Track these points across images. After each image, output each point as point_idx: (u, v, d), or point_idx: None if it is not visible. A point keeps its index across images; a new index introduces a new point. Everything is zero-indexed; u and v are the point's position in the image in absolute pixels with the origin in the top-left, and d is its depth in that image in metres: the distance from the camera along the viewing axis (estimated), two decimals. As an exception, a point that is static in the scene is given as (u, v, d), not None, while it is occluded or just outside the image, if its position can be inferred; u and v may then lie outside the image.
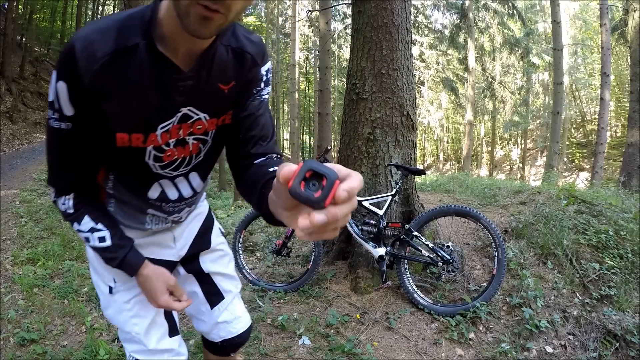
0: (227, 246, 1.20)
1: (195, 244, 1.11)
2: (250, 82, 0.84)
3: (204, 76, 0.76)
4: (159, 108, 0.75)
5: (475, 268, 2.79)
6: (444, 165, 23.99)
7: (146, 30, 0.68)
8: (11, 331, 2.32)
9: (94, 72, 0.67)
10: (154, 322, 1.00)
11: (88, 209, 0.88)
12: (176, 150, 0.84)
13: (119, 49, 0.68)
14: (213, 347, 1.17)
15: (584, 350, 2.17)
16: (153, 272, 0.92)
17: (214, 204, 6.80)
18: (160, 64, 0.70)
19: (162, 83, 0.72)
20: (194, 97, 0.77)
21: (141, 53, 0.69)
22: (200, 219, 1.13)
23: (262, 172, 0.75)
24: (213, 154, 0.92)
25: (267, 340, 2.25)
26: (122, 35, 0.68)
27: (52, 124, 0.75)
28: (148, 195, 0.91)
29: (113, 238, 0.88)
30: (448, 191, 4.98)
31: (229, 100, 0.83)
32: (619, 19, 10.96)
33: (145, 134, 0.77)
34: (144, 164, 0.83)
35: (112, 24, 0.69)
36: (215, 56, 0.76)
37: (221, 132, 0.87)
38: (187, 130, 0.82)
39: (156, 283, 0.92)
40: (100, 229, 0.87)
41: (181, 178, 0.92)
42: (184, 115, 0.79)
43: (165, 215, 0.98)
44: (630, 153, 7.47)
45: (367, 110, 2.82)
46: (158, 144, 0.80)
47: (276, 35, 22.97)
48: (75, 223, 0.87)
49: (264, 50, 0.85)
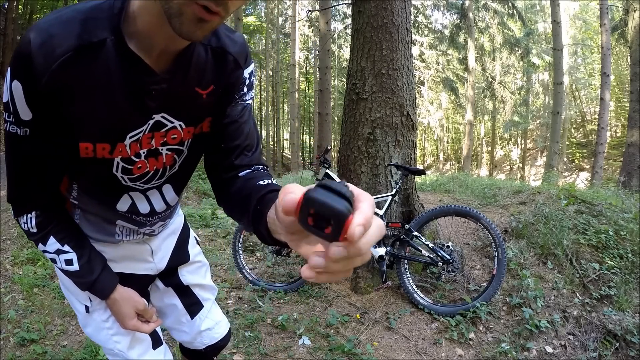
0: (203, 256, 1.18)
1: (174, 257, 1.07)
2: (232, 85, 0.76)
3: (179, 79, 0.67)
4: (128, 114, 0.67)
5: (475, 268, 2.79)
6: (444, 165, 23.98)
7: (115, 25, 0.60)
8: (11, 331, 2.32)
9: (52, 71, 0.58)
10: (135, 337, 0.96)
11: (53, 228, 0.78)
12: (148, 162, 0.76)
13: (82, 45, 0.59)
14: (196, 355, 1.15)
15: (584, 350, 2.17)
16: (121, 297, 0.87)
17: (214, 204, 6.80)
18: (131, 64, 0.62)
19: (132, 86, 0.64)
20: (168, 102, 0.69)
21: (109, 51, 0.60)
22: (177, 231, 1.09)
23: (252, 186, 0.69)
24: (189, 164, 0.84)
25: (267, 340, 2.25)
26: (87, 29, 0.59)
27: (8, 129, 0.65)
28: (117, 207, 0.83)
29: (81, 260, 0.80)
30: (448, 191, 4.98)
31: (208, 106, 0.75)
32: (619, 19, 10.96)
33: (112, 143, 0.69)
34: (112, 175, 0.75)
35: (76, 15, 0.59)
36: (193, 57, 0.68)
37: (198, 140, 0.79)
38: (160, 140, 0.73)
39: (124, 307, 0.87)
40: (66, 251, 0.79)
41: (154, 191, 0.84)
42: (157, 123, 0.71)
43: (136, 227, 0.91)
44: (630, 153, 7.47)
45: (367, 110, 2.82)
46: (127, 155, 0.72)
47: (276, 35, 22.97)
48: (40, 244, 0.78)
49: (247, 51, 0.77)
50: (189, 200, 8.40)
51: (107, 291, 0.85)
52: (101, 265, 0.85)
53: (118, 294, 0.87)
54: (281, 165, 22.89)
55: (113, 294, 0.86)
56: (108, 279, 0.86)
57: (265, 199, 0.61)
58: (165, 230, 1.04)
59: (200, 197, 9.03)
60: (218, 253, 3.62)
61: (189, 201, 8.28)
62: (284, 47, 24.54)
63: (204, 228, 4.51)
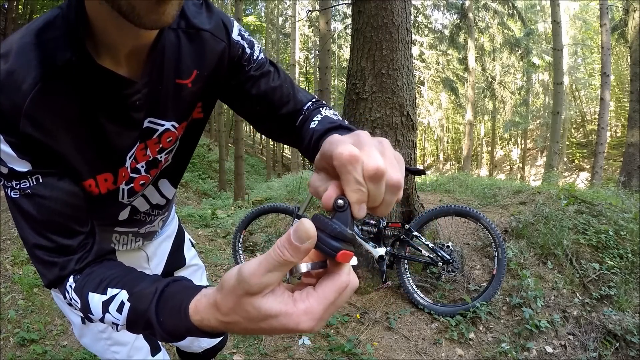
0: (198, 258, 1.17)
1: (170, 261, 1.06)
2: (219, 62, 0.68)
3: (156, 78, 0.61)
4: (119, 135, 0.60)
5: (475, 268, 2.79)
6: (444, 165, 23.99)
7: (76, 40, 0.51)
8: (11, 331, 2.32)
9: (25, 114, 0.50)
10: (134, 347, 0.94)
11: (86, 279, 0.56)
12: (150, 175, 0.71)
13: (47, 72, 0.51)
14: (194, 358, 1.15)
15: (584, 350, 2.17)
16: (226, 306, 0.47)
17: (214, 204, 6.81)
18: (105, 81, 0.55)
19: (113, 104, 0.57)
20: (153, 105, 0.63)
21: (77, 72, 0.53)
22: (172, 235, 1.08)
23: (308, 132, 0.65)
24: (183, 156, 0.78)
25: (267, 340, 2.25)
26: (46, 53, 0.51)
27: (11, 196, 0.54)
28: (118, 217, 0.80)
29: (131, 298, 0.51)
30: (448, 191, 4.98)
31: (196, 94, 0.68)
32: (619, 19, 10.95)
33: (114, 171, 0.63)
34: (117, 203, 0.70)
35: (29, 39, 0.51)
36: (165, 48, 0.61)
37: (190, 130, 0.74)
38: (156, 147, 0.68)
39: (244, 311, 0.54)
40: (112, 295, 0.52)
41: (150, 188, 0.80)
42: (146, 130, 0.64)
43: (136, 228, 0.86)
44: (630, 153, 7.47)
45: (367, 110, 2.82)
46: (128, 177, 0.67)
47: (276, 35, 22.97)
48: (88, 313, 0.55)
49: (222, 18, 0.67)
50: (189, 200, 8.40)
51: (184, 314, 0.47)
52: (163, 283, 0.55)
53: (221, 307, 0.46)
54: (281, 165, 22.88)
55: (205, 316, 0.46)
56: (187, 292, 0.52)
57: (318, 144, 0.60)
58: (161, 235, 1.03)
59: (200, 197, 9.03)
60: (218, 253, 3.62)
61: (189, 201, 8.28)
62: (284, 47, 24.53)
63: (204, 228, 4.51)
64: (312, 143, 0.61)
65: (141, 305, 0.49)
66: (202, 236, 4.14)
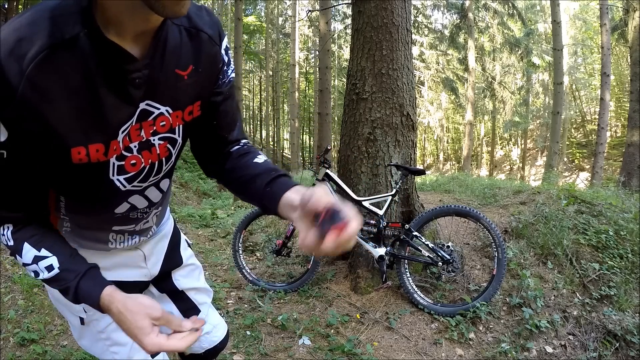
0: (195, 258, 1.17)
1: (167, 260, 1.06)
2: (212, 64, 0.75)
3: (158, 63, 0.66)
4: (115, 108, 0.64)
5: (475, 268, 2.80)
6: (444, 165, 23.98)
7: (87, 17, 0.56)
8: (11, 331, 2.32)
9: (27, 76, 0.55)
10: (134, 347, 0.92)
11: (26, 234, 0.71)
12: (142, 157, 0.72)
13: (55, 43, 0.55)
14: (194, 358, 1.14)
15: (584, 350, 2.17)
16: (125, 306, 0.68)
17: (214, 204, 6.81)
18: (110, 54, 0.59)
19: (114, 77, 0.61)
20: (151, 88, 0.67)
21: (84, 46, 0.57)
22: (168, 234, 1.08)
23: (252, 165, 0.77)
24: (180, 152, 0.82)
25: (267, 340, 2.25)
26: (58, 26, 0.56)
27: None
28: (115, 211, 0.80)
29: (62, 264, 0.70)
30: (448, 191, 4.99)
31: (192, 88, 0.73)
32: (619, 19, 10.95)
33: (106, 142, 0.66)
34: (109, 181, 0.71)
35: (42, 14, 0.56)
36: (168, 38, 0.66)
37: (190, 127, 0.77)
38: (150, 129, 0.71)
39: (134, 319, 0.68)
40: (45, 256, 0.70)
41: (152, 188, 0.81)
42: (143, 112, 0.68)
43: (132, 225, 0.87)
44: (630, 153, 7.47)
45: (367, 110, 2.82)
46: (120, 152, 0.69)
47: (276, 35, 22.98)
48: (18, 255, 0.71)
49: (219, 26, 0.75)
50: (189, 200, 8.39)
51: (93, 297, 0.70)
52: (83, 268, 0.73)
53: (120, 303, 0.69)
54: (281, 165, 22.88)
55: (111, 303, 0.69)
56: (92, 282, 0.72)
57: (277, 182, 0.72)
58: (157, 235, 1.02)
59: (200, 197, 9.03)
60: (218, 253, 3.62)
61: (189, 201, 8.27)
62: (284, 47, 24.55)
63: (204, 228, 4.51)
64: (263, 179, 0.74)
65: (68, 276, 0.71)
66: (202, 236, 4.14)
